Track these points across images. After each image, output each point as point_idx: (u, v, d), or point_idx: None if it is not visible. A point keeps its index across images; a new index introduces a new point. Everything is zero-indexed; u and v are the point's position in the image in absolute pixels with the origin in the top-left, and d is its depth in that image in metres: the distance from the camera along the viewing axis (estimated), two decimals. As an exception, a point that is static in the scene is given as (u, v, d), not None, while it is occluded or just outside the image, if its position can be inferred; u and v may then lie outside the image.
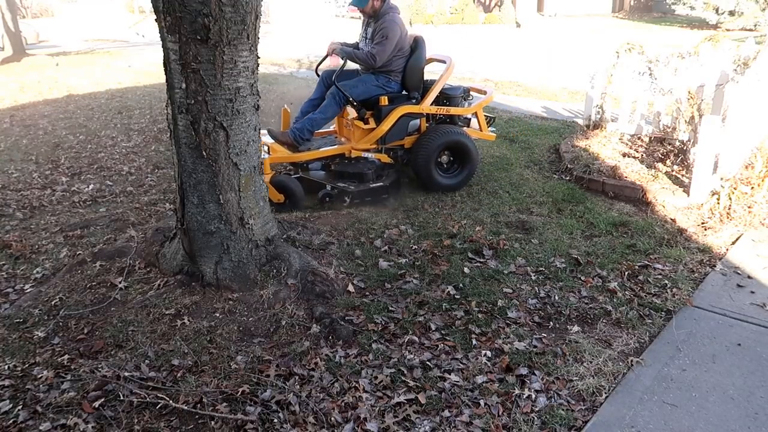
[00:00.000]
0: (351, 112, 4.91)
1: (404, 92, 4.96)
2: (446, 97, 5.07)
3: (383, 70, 4.81)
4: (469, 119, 5.29)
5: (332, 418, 2.41)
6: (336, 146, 4.94)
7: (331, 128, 5.40)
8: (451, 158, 4.99)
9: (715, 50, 5.80)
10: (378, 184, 4.65)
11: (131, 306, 3.19)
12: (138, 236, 4.08)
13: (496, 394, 2.57)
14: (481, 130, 5.23)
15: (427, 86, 5.01)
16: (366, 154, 4.85)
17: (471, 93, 5.37)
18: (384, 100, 4.76)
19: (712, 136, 4.53)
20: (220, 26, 2.93)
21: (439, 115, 5.02)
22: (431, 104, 4.90)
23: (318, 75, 5.12)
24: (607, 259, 3.79)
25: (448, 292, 3.37)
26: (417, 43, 4.89)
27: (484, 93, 5.39)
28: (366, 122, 4.82)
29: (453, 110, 5.04)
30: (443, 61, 5.21)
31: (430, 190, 4.88)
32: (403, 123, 4.83)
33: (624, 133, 6.54)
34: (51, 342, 2.95)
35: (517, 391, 2.58)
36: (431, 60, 5.23)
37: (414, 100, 4.90)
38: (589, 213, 4.57)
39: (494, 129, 5.68)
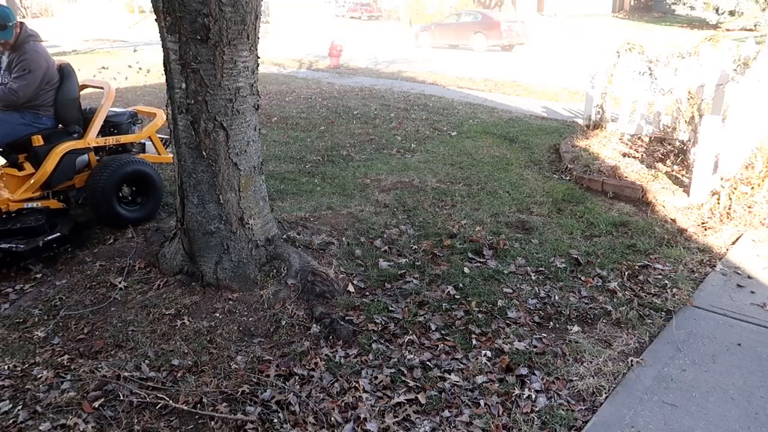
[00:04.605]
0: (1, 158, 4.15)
1: (60, 127, 4.30)
2: (113, 125, 4.55)
3: (29, 105, 4.09)
4: (144, 144, 4.86)
5: (332, 418, 2.41)
6: None
7: None
8: (133, 189, 4.44)
9: (715, 50, 5.80)
10: (54, 236, 3.83)
11: (131, 306, 3.20)
12: (138, 236, 4.08)
13: (496, 394, 2.57)
14: (159, 154, 4.84)
15: (87, 117, 4.40)
16: (28, 205, 4.03)
17: (139, 116, 4.91)
18: (38, 140, 4.08)
19: (712, 136, 4.53)
20: (220, 26, 2.93)
21: (110, 145, 4.49)
22: (97, 136, 4.35)
23: None
24: (607, 259, 3.79)
25: (448, 292, 3.37)
26: (66, 73, 4.28)
27: (154, 114, 4.91)
28: (21, 168, 4.08)
29: (124, 138, 4.54)
30: (100, 88, 4.66)
31: (115, 227, 4.29)
32: (68, 161, 4.16)
33: (624, 133, 6.54)
34: (51, 342, 2.95)
35: (517, 391, 2.58)
36: (85, 87, 4.68)
37: (76, 135, 4.26)
38: (589, 213, 4.56)
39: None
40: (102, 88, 4.62)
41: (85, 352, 2.86)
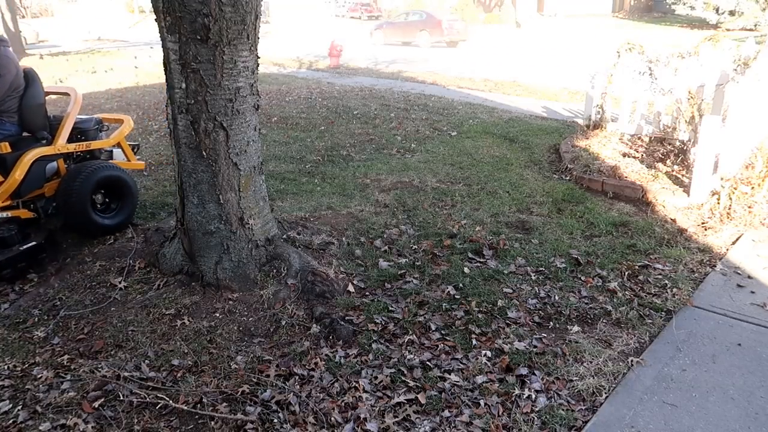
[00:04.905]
0: None
1: (25, 134, 4.13)
2: (80, 132, 4.38)
3: None
4: (111, 151, 4.67)
5: (332, 418, 2.41)
6: None
7: None
8: (106, 196, 4.30)
9: (715, 50, 5.80)
10: (29, 245, 3.72)
11: (131, 306, 3.20)
12: (138, 236, 4.08)
13: (496, 394, 2.57)
14: (128, 161, 4.73)
15: (53, 124, 4.23)
16: None
17: (104, 123, 4.71)
18: (5, 147, 3.88)
19: (712, 136, 4.53)
20: (220, 26, 2.93)
21: (78, 152, 4.34)
22: (67, 142, 4.19)
23: None
24: (607, 259, 3.79)
25: (448, 292, 3.37)
26: (30, 78, 4.14)
27: (120, 121, 4.77)
28: None
29: (94, 144, 4.39)
30: (66, 94, 4.51)
31: (90, 236, 4.14)
32: (38, 169, 4.03)
33: (624, 133, 6.54)
34: (51, 342, 2.95)
35: (517, 391, 2.58)
36: (49, 93, 4.45)
37: (44, 141, 4.11)
38: (589, 213, 4.56)
39: (140, 157, 5.13)
40: (67, 94, 4.45)
41: (85, 352, 2.86)
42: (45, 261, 3.80)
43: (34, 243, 3.75)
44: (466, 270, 3.62)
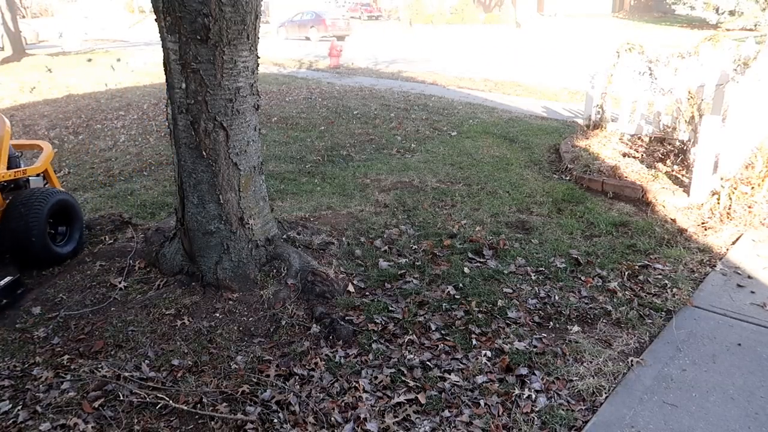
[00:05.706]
0: None
1: None
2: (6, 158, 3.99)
3: None
4: (29, 179, 4.21)
5: (332, 418, 2.41)
6: None
7: None
8: (51, 222, 3.89)
9: (715, 50, 5.80)
10: (6, 280, 3.35)
11: (131, 306, 3.19)
12: (138, 236, 4.08)
13: (496, 394, 2.57)
14: (54, 185, 4.35)
15: None
16: None
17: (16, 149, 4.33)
18: None
19: (712, 136, 4.53)
20: (220, 26, 2.93)
21: (5, 180, 3.89)
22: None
23: None
24: (607, 259, 3.79)
25: (448, 292, 3.37)
26: None
27: (34, 147, 4.45)
28: None
29: (30, 170, 4.05)
30: None
31: (46, 267, 3.72)
32: None
33: (624, 133, 6.54)
34: (51, 342, 2.95)
35: (517, 391, 2.58)
36: None
37: None
38: (589, 213, 4.56)
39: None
40: None
41: (85, 352, 2.86)
42: (24, 295, 3.44)
43: (10, 278, 3.39)
44: (466, 270, 3.62)
